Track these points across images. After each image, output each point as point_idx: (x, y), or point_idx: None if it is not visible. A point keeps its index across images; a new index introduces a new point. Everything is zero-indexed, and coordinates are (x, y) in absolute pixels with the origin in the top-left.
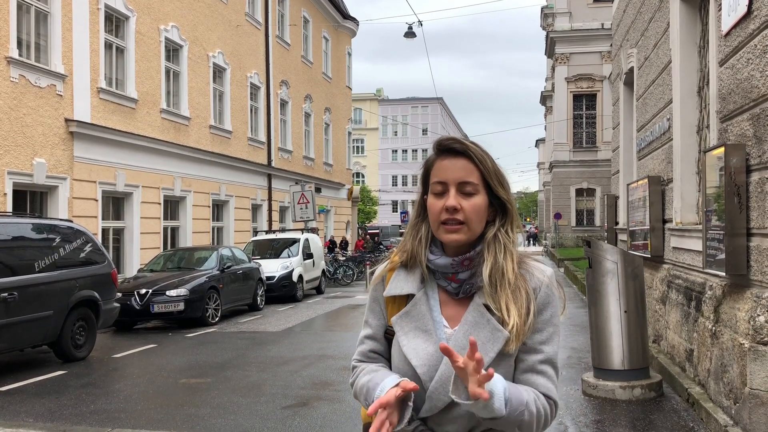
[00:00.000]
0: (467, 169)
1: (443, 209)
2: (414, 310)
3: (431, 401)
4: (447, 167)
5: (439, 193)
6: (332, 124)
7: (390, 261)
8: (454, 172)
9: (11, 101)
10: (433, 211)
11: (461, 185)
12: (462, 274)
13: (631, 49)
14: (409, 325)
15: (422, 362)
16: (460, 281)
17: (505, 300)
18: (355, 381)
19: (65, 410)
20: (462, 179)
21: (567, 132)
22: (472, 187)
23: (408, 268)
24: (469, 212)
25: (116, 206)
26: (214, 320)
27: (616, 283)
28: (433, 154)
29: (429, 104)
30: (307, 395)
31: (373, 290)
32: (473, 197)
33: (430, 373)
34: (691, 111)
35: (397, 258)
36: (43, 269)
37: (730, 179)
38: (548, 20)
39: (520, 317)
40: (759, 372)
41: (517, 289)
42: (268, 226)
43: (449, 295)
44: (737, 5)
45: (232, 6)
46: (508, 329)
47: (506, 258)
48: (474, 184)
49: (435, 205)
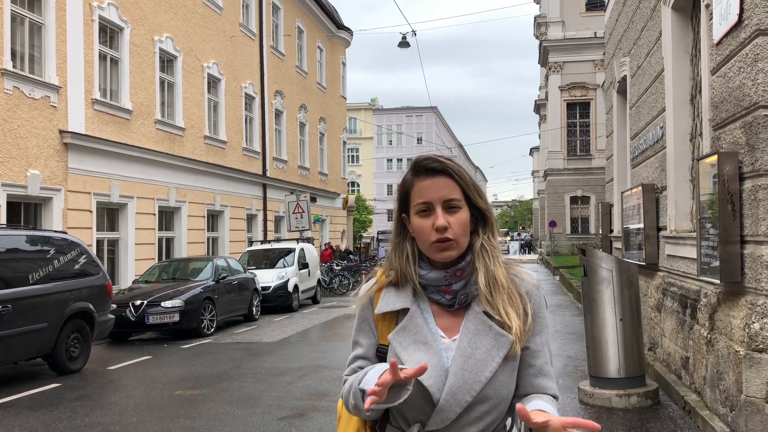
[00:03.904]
0: (449, 186)
1: (433, 229)
2: (410, 324)
3: (443, 413)
4: (429, 187)
5: (423, 212)
6: (327, 133)
7: (377, 281)
8: (437, 191)
9: (5, 113)
10: (424, 231)
11: (446, 203)
12: (456, 284)
13: (623, 58)
14: (408, 340)
15: (428, 375)
16: (454, 292)
17: (502, 304)
18: (342, 393)
19: (60, 423)
20: (446, 197)
21: (561, 140)
22: (456, 203)
23: (397, 285)
24: (456, 228)
25: (111, 217)
26: (210, 331)
27: (612, 291)
28: (410, 174)
29: (423, 113)
30: (303, 406)
31: (361, 310)
32: (458, 212)
33: (438, 385)
34: (684, 119)
35: (384, 278)
36: (38, 281)
37: (723, 187)
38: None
39: (519, 318)
40: (755, 379)
41: (511, 293)
42: (263, 236)
43: (442, 308)
44: (728, 14)
45: (226, 17)
46: (512, 333)
47: (496, 264)
48: (457, 200)
49: (424, 225)
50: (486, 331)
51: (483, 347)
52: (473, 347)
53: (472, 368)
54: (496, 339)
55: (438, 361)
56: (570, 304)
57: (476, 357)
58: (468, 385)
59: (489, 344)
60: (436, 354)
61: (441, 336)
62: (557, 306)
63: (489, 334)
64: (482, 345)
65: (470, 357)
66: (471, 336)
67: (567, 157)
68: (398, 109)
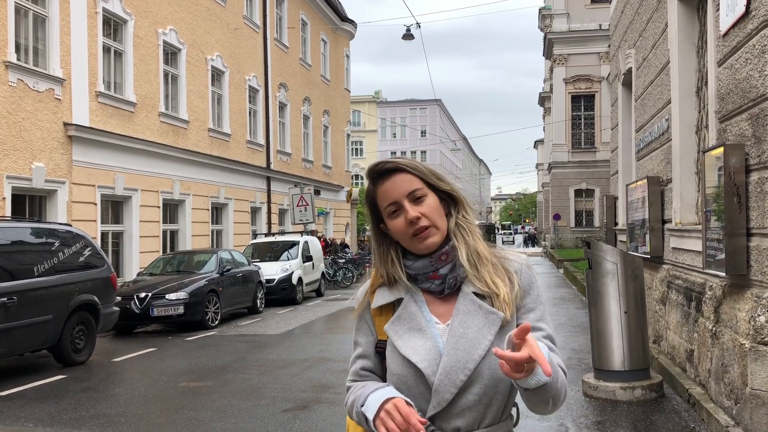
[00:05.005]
0: (407, 180)
1: (407, 224)
2: (405, 313)
3: (438, 395)
4: (390, 188)
5: (395, 213)
6: (331, 126)
7: (371, 284)
8: (399, 188)
9: (9, 105)
10: (399, 229)
11: (410, 195)
12: (442, 269)
13: (629, 50)
14: (403, 328)
15: (422, 357)
16: (442, 277)
17: (488, 275)
18: (347, 401)
19: (65, 415)
20: (408, 190)
21: (565, 133)
22: (419, 192)
23: (389, 285)
24: (429, 214)
25: (115, 210)
26: (214, 323)
27: (616, 284)
28: (370, 185)
29: (428, 106)
30: (307, 398)
31: (358, 311)
32: (425, 200)
33: (432, 367)
34: (690, 111)
35: (378, 279)
36: (43, 273)
37: (729, 179)
38: (546, 21)
39: (506, 286)
40: (760, 372)
41: (496, 266)
42: (267, 228)
43: (434, 296)
44: (735, 5)
45: (230, 9)
46: (500, 299)
47: (475, 239)
48: (419, 188)
49: (398, 224)
50: (476, 311)
51: (474, 326)
52: (465, 327)
53: (464, 347)
54: (487, 317)
55: (433, 345)
56: (574, 296)
57: (468, 336)
58: (461, 363)
59: (480, 323)
60: (431, 339)
61: (436, 322)
62: (561, 299)
63: (479, 313)
64: (473, 324)
65: (462, 336)
66: (462, 316)
67: (571, 149)
68: (402, 102)
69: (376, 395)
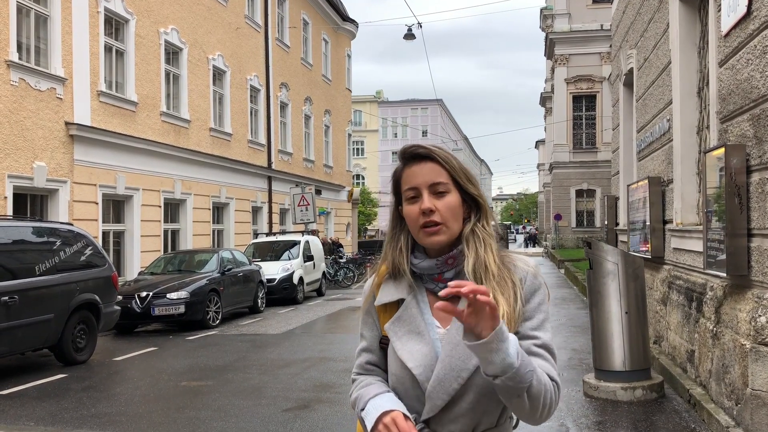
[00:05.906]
0: (435, 170)
1: (420, 213)
2: (405, 314)
3: (431, 401)
4: (415, 173)
5: (412, 199)
6: (332, 126)
7: (376, 274)
8: (424, 176)
9: (11, 105)
10: (411, 216)
11: (432, 186)
12: (448, 273)
13: (630, 50)
14: (402, 329)
15: (418, 363)
16: (446, 281)
17: (492, 292)
18: (351, 395)
19: (66, 414)
20: (432, 181)
21: (567, 133)
22: (443, 187)
23: (394, 278)
24: (444, 211)
25: (116, 209)
26: (215, 323)
27: (617, 284)
28: (400, 164)
29: (429, 106)
30: (308, 398)
31: (366, 303)
32: (446, 196)
33: (426, 373)
34: (691, 112)
35: (384, 270)
36: (44, 272)
37: (730, 180)
38: (547, 21)
39: (509, 305)
40: (760, 373)
41: (502, 280)
42: (268, 228)
43: (438, 298)
44: (737, 6)
45: (231, 8)
46: None
47: (487, 251)
48: (444, 183)
49: (412, 211)
50: None
51: None
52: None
53: (459, 355)
54: None
55: (430, 350)
56: (575, 297)
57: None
58: (455, 372)
59: None
60: (429, 343)
61: (436, 326)
62: (562, 299)
63: None
64: None
65: (458, 344)
66: (460, 324)
67: (572, 150)
68: (404, 102)
69: (375, 403)
